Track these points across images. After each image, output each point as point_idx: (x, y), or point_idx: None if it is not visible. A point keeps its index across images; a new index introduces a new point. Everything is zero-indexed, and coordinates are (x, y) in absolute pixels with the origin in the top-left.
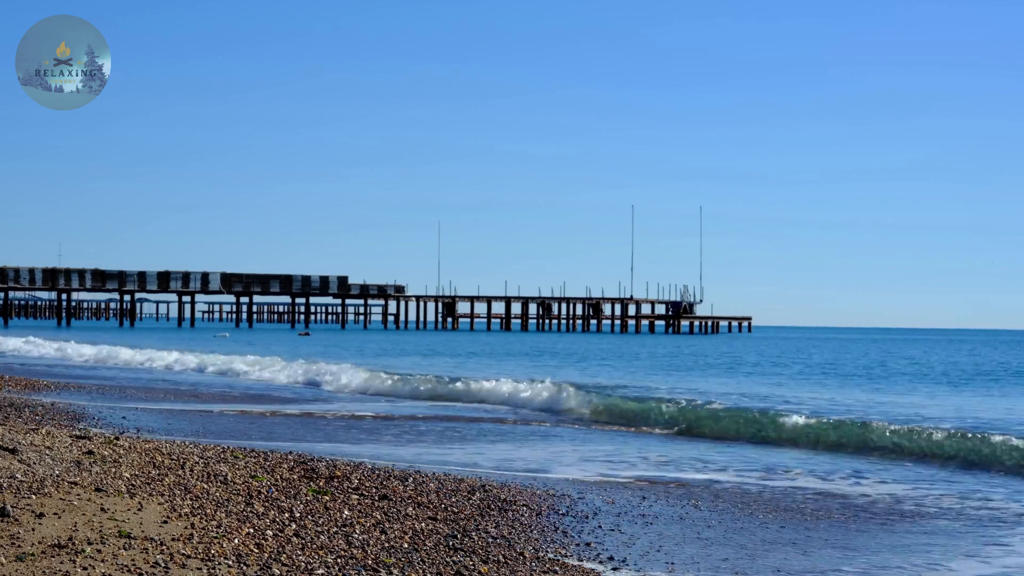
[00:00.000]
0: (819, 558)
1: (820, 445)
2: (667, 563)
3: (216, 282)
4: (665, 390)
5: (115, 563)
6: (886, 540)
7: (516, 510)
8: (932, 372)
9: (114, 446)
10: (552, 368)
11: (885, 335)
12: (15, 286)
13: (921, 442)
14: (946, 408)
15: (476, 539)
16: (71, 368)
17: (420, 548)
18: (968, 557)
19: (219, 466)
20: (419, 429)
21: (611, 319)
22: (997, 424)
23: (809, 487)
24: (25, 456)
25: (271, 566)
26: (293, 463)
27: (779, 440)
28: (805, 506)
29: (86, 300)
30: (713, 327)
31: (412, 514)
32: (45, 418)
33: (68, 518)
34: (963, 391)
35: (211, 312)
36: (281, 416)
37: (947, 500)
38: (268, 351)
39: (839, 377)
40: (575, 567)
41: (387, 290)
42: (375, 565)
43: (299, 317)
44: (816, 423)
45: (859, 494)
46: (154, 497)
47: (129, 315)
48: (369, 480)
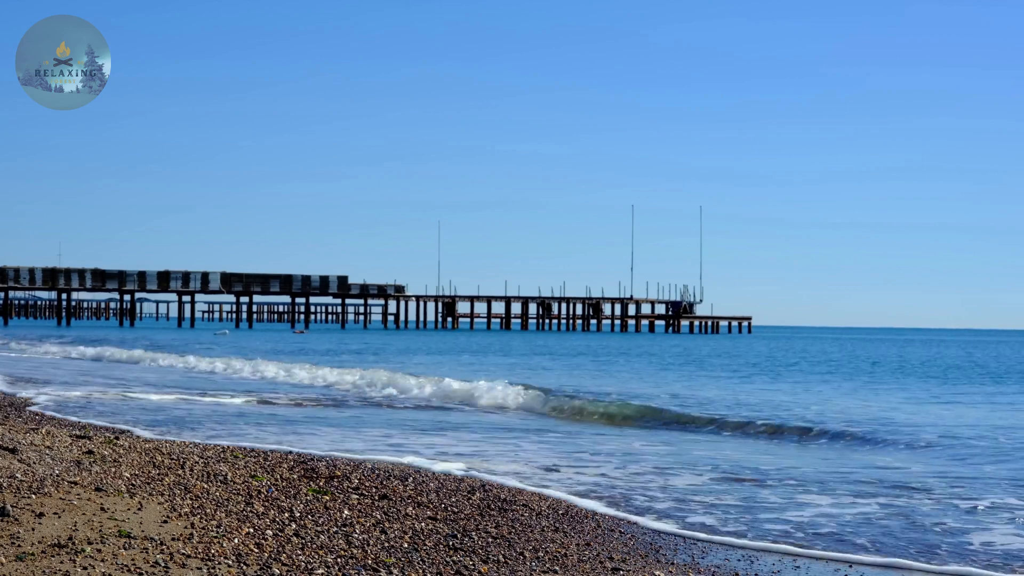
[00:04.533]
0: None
1: (587, 418)
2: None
3: (216, 282)
4: (572, 387)
5: (115, 563)
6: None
7: (516, 510)
8: (860, 369)
9: (114, 446)
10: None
11: (885, 335)
12: (15, 286)
13: (604, 408)
14: (769, 397)
15: (476, 539)
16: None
17: (420, 548)
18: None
19: (219, 466)
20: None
21: (611, 319)
22: (787, 411)
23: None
24: (25, 456)
25: (271, 566)
26: (293, 463)
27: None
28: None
29: (86, 300)
30: (713, 327)
31: (412, 514)
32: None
33: (68, 518)
34: (847, 385)
35: (211, 312)
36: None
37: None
38: (268, 351)
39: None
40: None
41: (387, 290)
42: (375, 565)
43: (299, 317)
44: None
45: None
46: (154, 497)
47: (129, 315)
48: (369, 480)
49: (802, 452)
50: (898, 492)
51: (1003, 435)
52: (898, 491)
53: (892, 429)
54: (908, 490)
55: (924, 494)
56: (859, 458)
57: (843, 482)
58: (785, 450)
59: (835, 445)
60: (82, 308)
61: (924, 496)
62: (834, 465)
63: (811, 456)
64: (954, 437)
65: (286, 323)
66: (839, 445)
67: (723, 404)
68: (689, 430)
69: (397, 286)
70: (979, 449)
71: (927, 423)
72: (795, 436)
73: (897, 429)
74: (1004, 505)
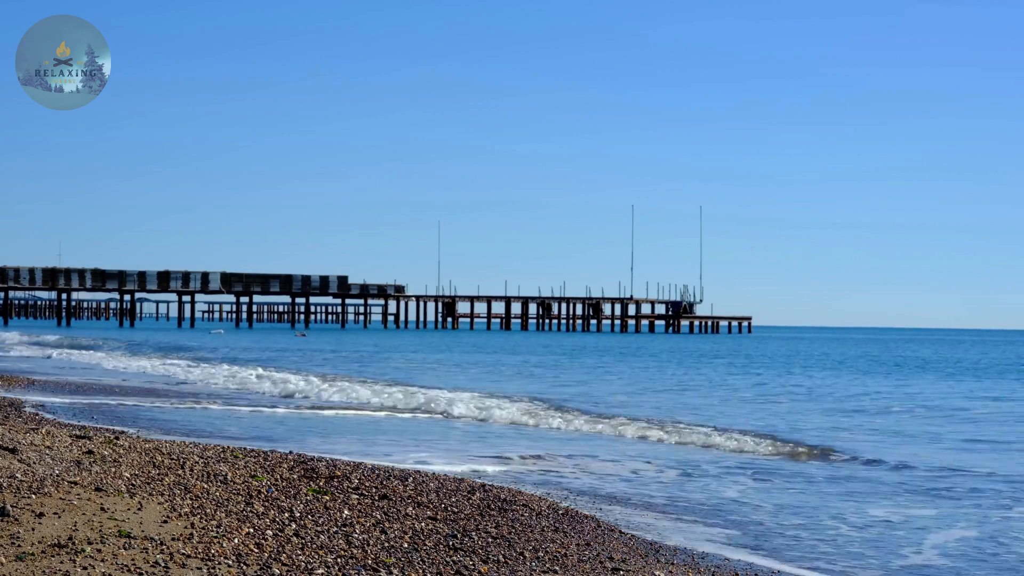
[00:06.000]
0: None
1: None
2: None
3: (216, 282)
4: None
5: (115, 563)
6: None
7: (516, 510)
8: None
9: (114, 446)
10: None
11: (885, 335)
12: (15, 286)
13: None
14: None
15: (476, 539)
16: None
17: (420, 548)
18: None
19: (219, 466)
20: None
21: (611, 319)
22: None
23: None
24: (25, 456)
25: (271, 566)
26: (293, 463)
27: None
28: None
29: (86, 300)
30: (713, 327)
31: (412, 514)
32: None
33: (68, 518)
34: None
35: (211, 312)
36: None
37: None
38: (272, 350)
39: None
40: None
41: (387, 290)
42: (375, 565)
43: (299, 317)
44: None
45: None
46: (154, 497)
47: (129, 315)
48: (369, 480)
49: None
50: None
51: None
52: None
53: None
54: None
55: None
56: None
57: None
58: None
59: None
60: (82, 308)
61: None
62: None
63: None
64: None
65: (286, 323)
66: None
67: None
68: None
69: (397, 286)
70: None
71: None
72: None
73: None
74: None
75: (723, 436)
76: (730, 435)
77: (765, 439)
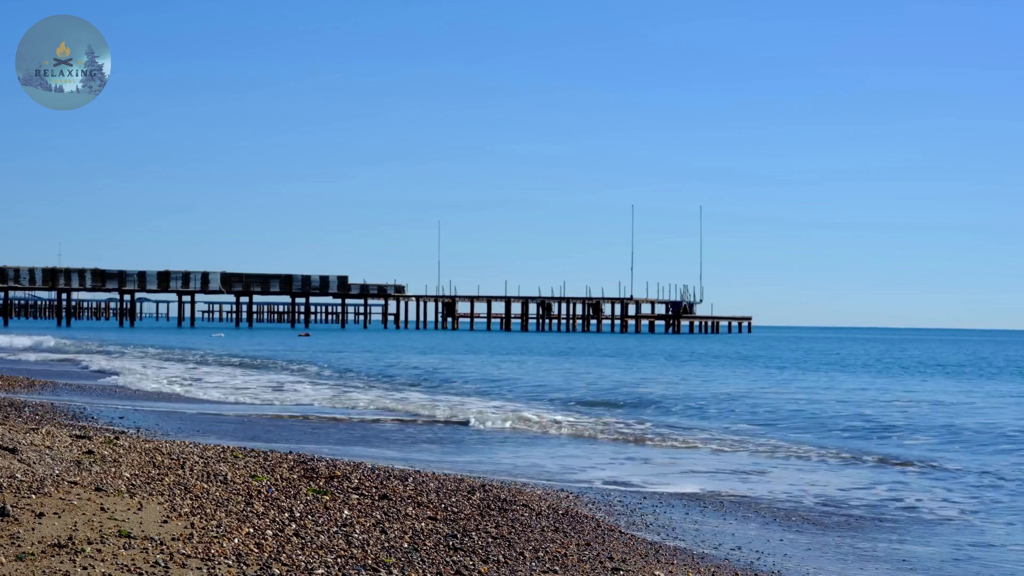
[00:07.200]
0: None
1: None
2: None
3: (216, 282)
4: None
5: (115, 563)
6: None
7: (516, 510)
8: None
9: (114, 446)
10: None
11: (884, 336)
12: (15, 286)
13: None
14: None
15: (476, 539)
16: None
17: (420, 548)
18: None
19: (219, 466)
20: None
21: (611, 319)
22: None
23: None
24: (25, 456)
25: (271, 566)
26: (293, 463)
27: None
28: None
29: (86, 300)
30: (713, 327)
31: (412, 514)
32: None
33: (68, 518)
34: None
35: (211, 312)
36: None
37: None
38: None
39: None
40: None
41: (387, 290)
42: (375, 565)
43: (299, 317)
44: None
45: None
46: (154, 497)
47: (129, 315)
48: (369, 480)
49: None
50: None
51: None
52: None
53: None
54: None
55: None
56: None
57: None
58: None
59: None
60: (82, 308)
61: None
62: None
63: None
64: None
65: (286, 323)
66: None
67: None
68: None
69: (397, 286)
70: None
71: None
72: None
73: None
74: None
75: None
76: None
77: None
